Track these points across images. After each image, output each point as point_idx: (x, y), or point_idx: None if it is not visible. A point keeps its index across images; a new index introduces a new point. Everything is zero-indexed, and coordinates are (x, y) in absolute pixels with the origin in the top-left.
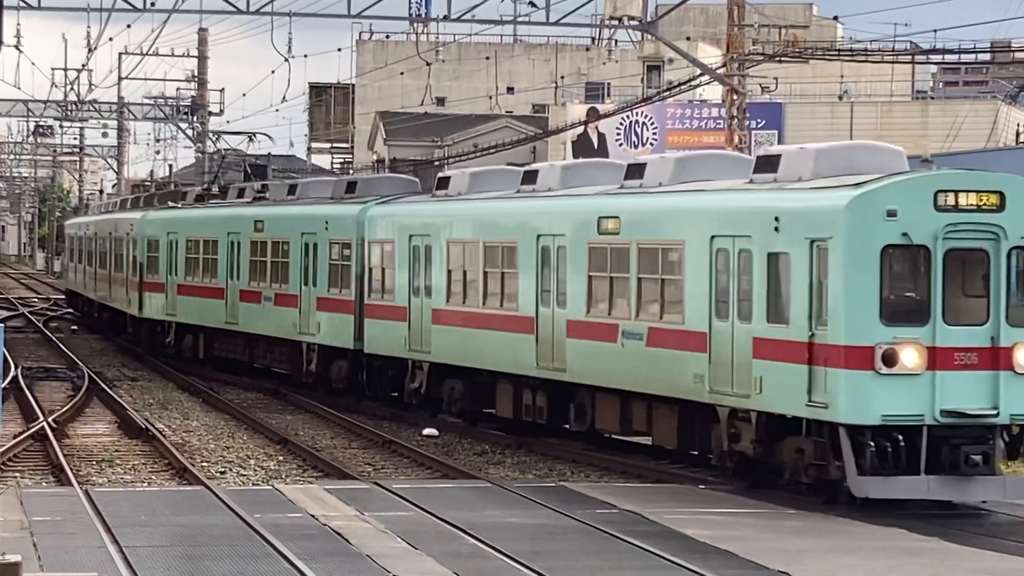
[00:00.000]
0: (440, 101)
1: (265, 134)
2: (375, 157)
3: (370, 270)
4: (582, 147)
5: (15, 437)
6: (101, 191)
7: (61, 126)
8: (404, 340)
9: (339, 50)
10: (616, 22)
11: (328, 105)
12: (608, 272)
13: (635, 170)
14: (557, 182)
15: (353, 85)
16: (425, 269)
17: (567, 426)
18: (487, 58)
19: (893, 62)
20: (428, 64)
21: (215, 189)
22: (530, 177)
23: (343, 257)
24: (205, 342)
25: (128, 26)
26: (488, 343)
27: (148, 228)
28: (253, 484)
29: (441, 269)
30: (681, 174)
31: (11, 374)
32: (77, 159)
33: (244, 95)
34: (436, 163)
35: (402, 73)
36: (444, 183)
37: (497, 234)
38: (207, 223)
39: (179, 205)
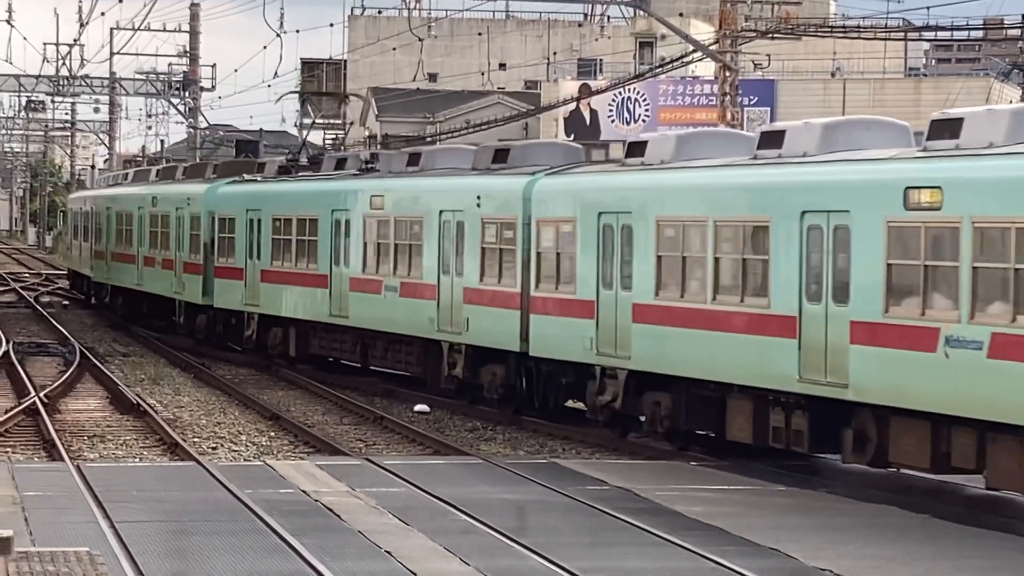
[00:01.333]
0: (432, 77)
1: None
2: (367, 133)
3: (539, 255)
4: (574, 124)
5: (6, 412)
6: (93, 166)
7: (53, 101)
8: (590, 342)
9: (331, 25)
10: None
11: (320, 81)
12: (924, 259)
13: (948, 127)
14: (816, 144)
15: (345, 61)
16: (621, 254)
17: (834, 456)
18: (479, 34)
19: (886, 39)
20: (420, 40)
21: (304, 159)
22: (773, 139)
23: (502, 240)
24: (298, 337)
25: (120, 1)
26: (719, 348)
27: (219, 204)
28: (245, 460)
29: (647, 254)
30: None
31: (2, 349)
32: (69, 134)
33: (236, 71)
34: (428, 139)
35: (394, 49)
36: (638, 149)
37: (736, 210)
38: (302, 199)
39: (257, 178)
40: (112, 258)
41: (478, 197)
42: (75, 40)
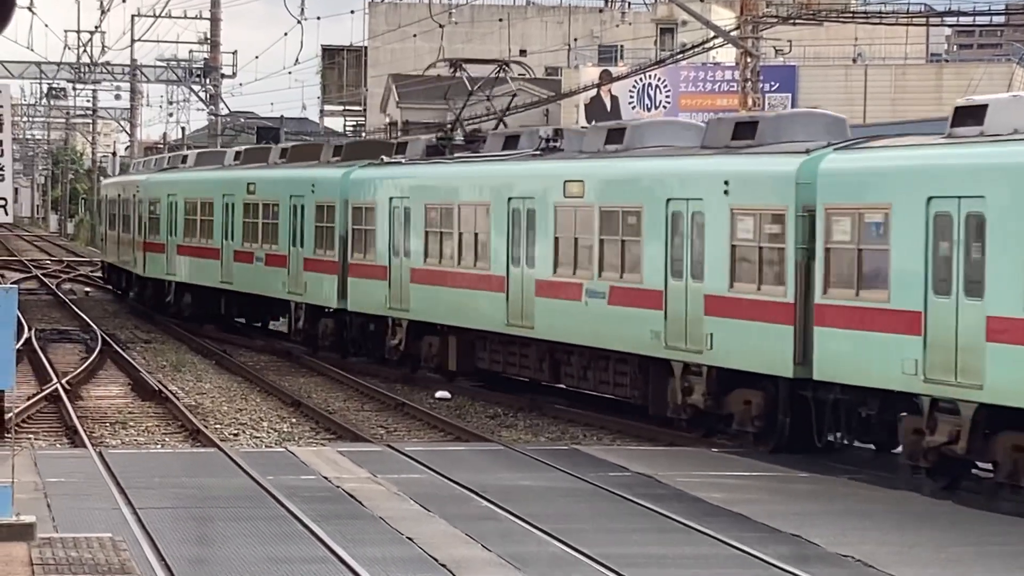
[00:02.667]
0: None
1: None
2: (388, 120)
3: (827, 253)
4: (594, 110)
5: (29, 399)
6: (114, 153)
7: (74, 88)
8: (914, 365)
9: (352, 12)
10: None
11: (340, 68)
12: None
13: None
14: None
15: (366, 47)
16: (966, 251)
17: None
18: (500, 20)
19: (907, 24)
20: (441, 26)
21: (458, 138)
22: None
23: (763, 235)
24: (461, 349)
25: None
26: None
27: (353, 191)
28: (266, 446)
29: (1017, 252)
30: None
31: (25, 336)
32: (90, 121)
33: (257, 57)
34: (448, 126)
35: (415, 35)
36: (973, 116)
37: None
38: (465, 184)
39: (401, 160)
40: (179, 252)
41: (725, 182)
42: (96, 27)
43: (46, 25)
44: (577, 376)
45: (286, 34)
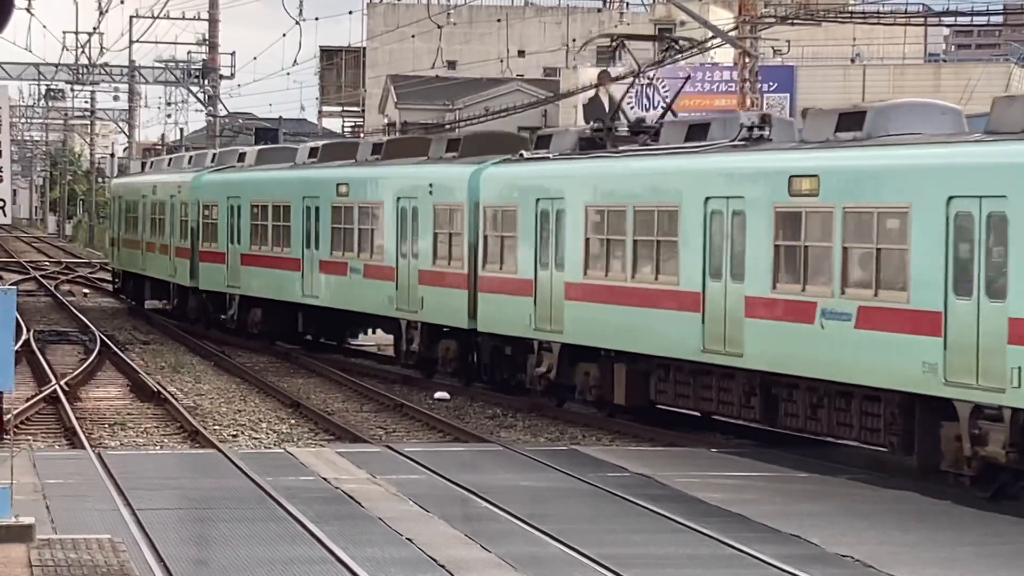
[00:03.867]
0: (451, 64)
1: None
2: (386, 120)
3: None
4: (593, 110)
5: (28, 400)
6: (112, 154)
7: (72, 89)
8: None
9: (350, 13)
10: None
11: (339, 68)
12: None
13: None
14: None
15: (364, 48)
16: None
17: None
18: (498, 20)
19: (905, 24)
20: (439, 27)
21: (623, 127)
22: None
23: None
24: (632, 379)
25: None
26: None
27: (485, 191)
28: (265, 447)
29: None
30: None
31: (23, 337)
32: (88, 123)
33: (255, 58)
34: (447, 127)
35: (413, 36)
36: None
37: None
38: (640, 182)
39: (548, 155)
40: (243, 262)
41: None
42: (94, 28)
43: (44, 26)
44: (803, 416)
45: (284, 35)
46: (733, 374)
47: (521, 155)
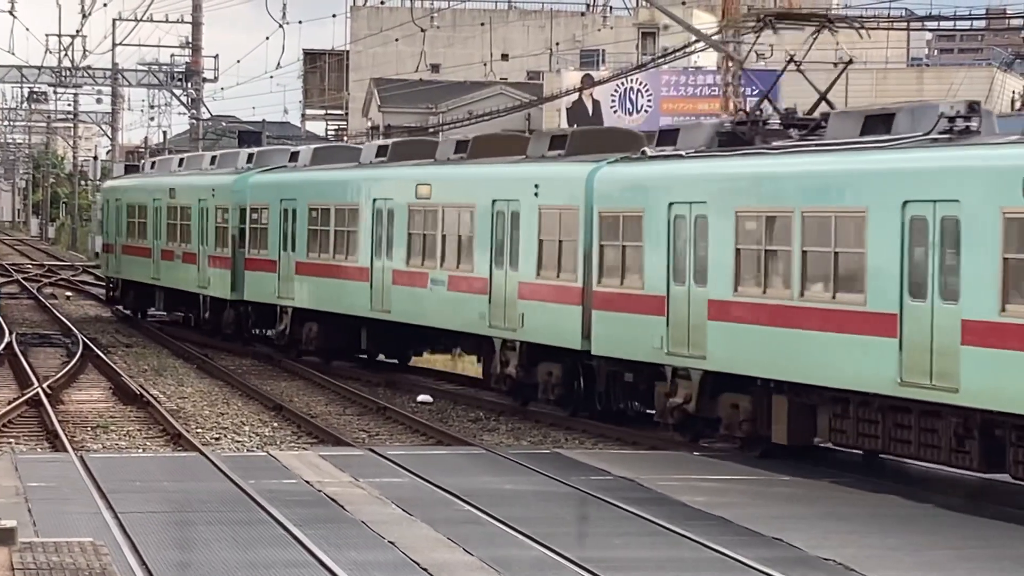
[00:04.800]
0: (435, 68)
1: None
2: (369, 124)
3: None
4: (576, 114)
5: (10, 403)
6: (95, 157)
7: (55, 92)
8: None
9: (334, 16)
10: None
11: (322, 72)
12: None
13: None
14: None
15: (347, 51)
16: None
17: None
18: (482, 24)
19: (889, 29)
20: (423, 30)
21: (773, 121)
22: None
23: None
24: (794, 412)
25: None
26: None
27: (606, 195)
28: (248, 450)
29: None
30: None
31: (5, 340)
32: (71, 125)
33: (238, 61)
34: (430, 130)
35: (397, 40)
36: None
37: None
38: (814, 182)
39: (679, 152)
40: (298, 271)
41: None
42: (77, 31)
43: (27, 29)
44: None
45: (268, 38)
46: (939, 412)
47: (644, 153)
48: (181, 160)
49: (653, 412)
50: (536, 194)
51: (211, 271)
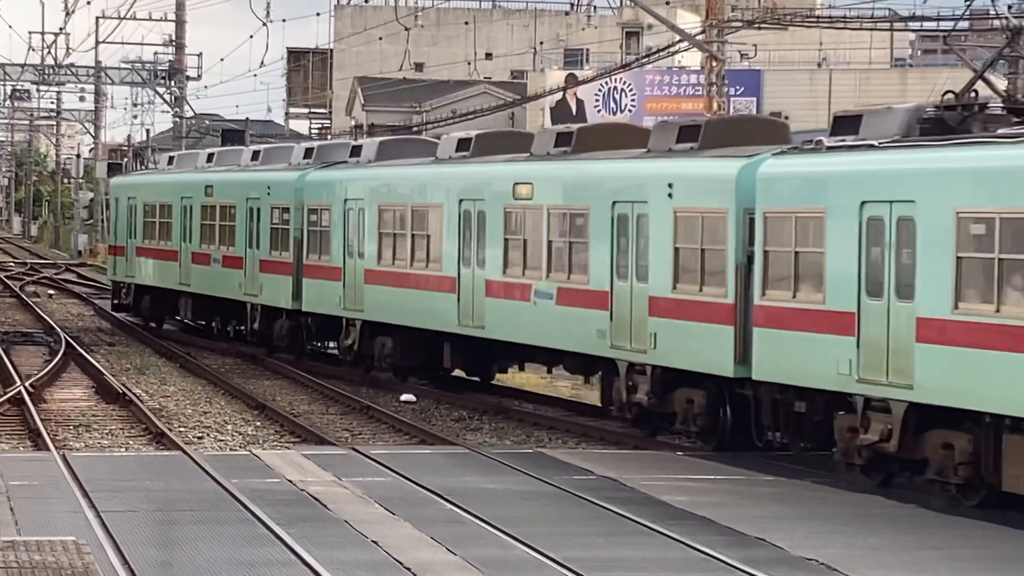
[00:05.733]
0: (419, 67)
1: None
2: (353, 123)
3: None
4: (560, 113)
5: None
6: (78, 155)
7: (38, 90)
8: None
9: (317, 15)
10: None
11: (306, 70)
12: None
13: None
14: None
15: (331, 50)
16: None
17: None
18: (466, 23)
19: (872, 29)
20: (407, 29)
21: (994, 105)
22: None
23: None
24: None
25: None
26: None
27: (769, 193)
28: (231, 449)
29: None
30: None
31: None
32: (54, 123)
33: (222, 60)
34: (414, 129)
35: (381, 38)
36: None
37: None
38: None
39: (868, 141)
40: (367, 280)
41: None
42: (61, 28)
43: (10, 26)
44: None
45: (251, 36)
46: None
47: (820, 142)
48: (211, 155)
49: (827, 450)
50: (671, 195)
51: (263, 277)
